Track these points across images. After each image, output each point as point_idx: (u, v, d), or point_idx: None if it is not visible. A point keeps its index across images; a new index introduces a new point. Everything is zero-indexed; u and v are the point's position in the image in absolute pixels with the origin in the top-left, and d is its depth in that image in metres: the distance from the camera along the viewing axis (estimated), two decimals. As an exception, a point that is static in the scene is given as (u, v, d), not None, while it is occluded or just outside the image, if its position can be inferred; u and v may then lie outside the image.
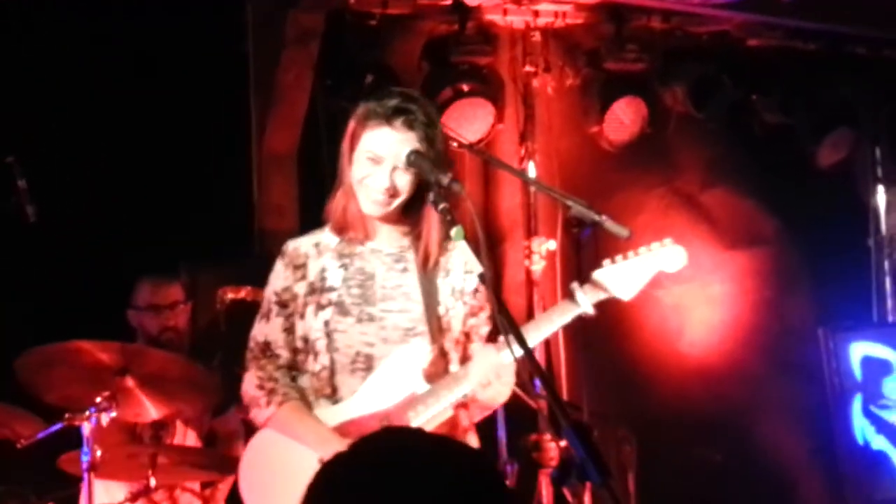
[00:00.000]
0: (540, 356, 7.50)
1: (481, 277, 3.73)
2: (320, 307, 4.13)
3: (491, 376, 4.02)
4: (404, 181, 4.04)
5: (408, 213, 4.17)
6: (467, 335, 4.25)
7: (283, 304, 4.21)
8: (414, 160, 3.96)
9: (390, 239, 4.22)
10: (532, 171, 7.78)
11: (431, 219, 4.12)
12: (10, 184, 5.35)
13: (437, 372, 4.13)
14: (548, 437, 7.03)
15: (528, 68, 7.83)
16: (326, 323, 4.11)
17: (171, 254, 6.40)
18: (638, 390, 7.58)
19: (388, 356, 4.10)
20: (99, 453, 4.99)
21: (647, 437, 6.71)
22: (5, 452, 5.26)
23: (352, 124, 4.14)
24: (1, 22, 6.25)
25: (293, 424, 4.13)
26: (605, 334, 7.18)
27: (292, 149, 7.03)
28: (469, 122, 7.43)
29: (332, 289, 4.14)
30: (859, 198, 8.72)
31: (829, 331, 8.04)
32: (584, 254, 6.78)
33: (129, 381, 5.15)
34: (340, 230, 4.20)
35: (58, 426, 5.08)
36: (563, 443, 6.48)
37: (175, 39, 6.62)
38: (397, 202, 4.09)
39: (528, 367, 3.90)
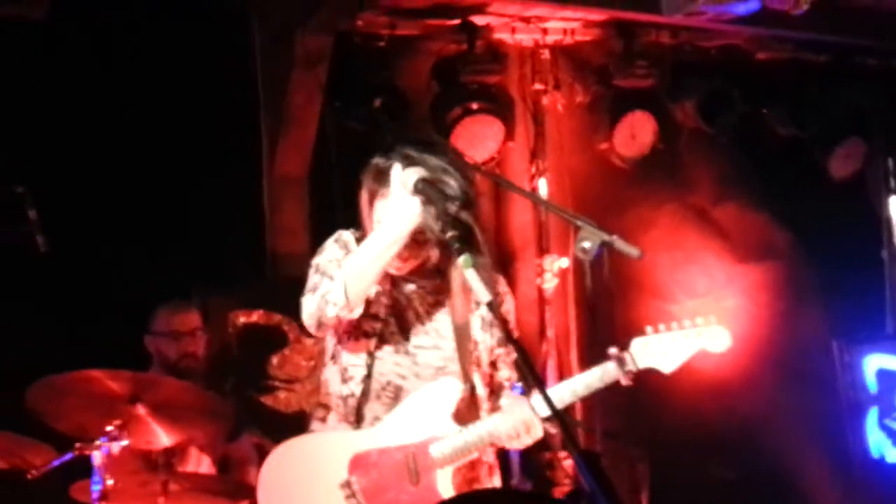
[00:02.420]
0: (553, 374, 7.53)
1: (490, 305, 3.66)
2: (365, 335, 4.12)
3: (521, 430, 4.03)
4: (422, 242, 4.04)
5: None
6: (493, 364, 4.25)
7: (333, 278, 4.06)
8: (421, 188, 3.89)
9: (423, 272, 4.20)
10: (543, 188, 7.80)
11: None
12: (20, 214, 5.36)
13: (467, 410, 4.12)
14: (562, 455, 7.03)
15: (537, 86, 7.88)
16: (369, 353, 4.10)
17: (183, 279, 6.40)
18: (651, 407, 7.57)
19: (417, 390, 4.09)
20: (111, 482, 5.01)
21: (660, 455, 6.70)
22: (17, 482, 5.28)
23: (367, 183, 4.10)
24: (10, 51, 6.28)
25: (361, 252, 3.99)
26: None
27: (303, 171, 7.04)
28: (479, 140, 7.46)
29: (376, 316, 4.12)
30: (872, 209, 8.71)
31: (844, 343, 8.04)
32: (595, 273, 6.77)
33: (141, 410, 5.15)
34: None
35: (69, 455, 5.10)
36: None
37: (183, 62, 6.64)
38: (420, 255, 4.10)
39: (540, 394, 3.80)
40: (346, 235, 4.17)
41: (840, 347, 7.99)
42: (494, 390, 4.23)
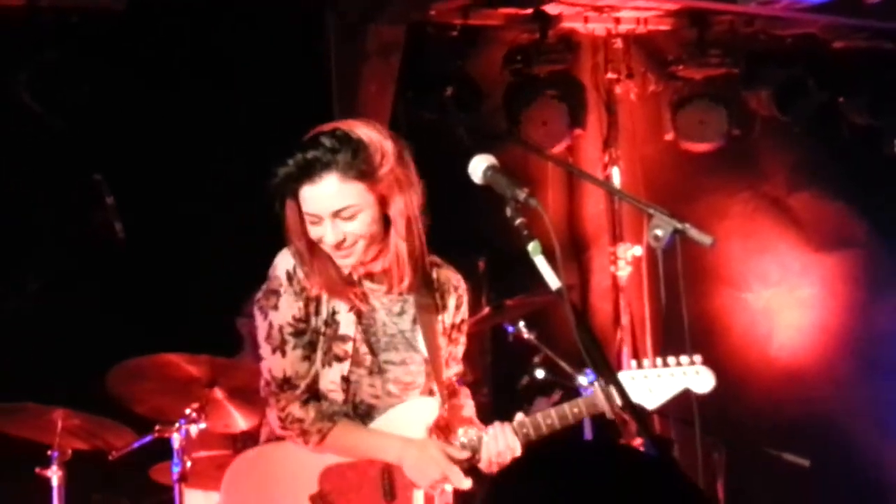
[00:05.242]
0: (628, 362, 7.51)
1: (559, 293, 3.42)
2: (337, 359, 3.91)
3: (506, 456, 3.89)
4: (354, 226, 3.76)
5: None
6: (445, 362, 4.10)
7: (299, 333, 3.89)
8: (490, 176, 3.63)
9: (381, 275, 3.94)
10: (616, 177, 7.81)
11: (393, 244, 3.84)
12: (98, 200, 5.44)
13: (443, 429, 4.01)
14: (637, 442, 7.00)
15: (610, 75, 7.87)
16: (344, 378, 3.92)
17: (259, 265, 6.42)
18: (727, 396, 7.51)
19: (389, 409, 3.95)
20: (189, 464, 5.07)
21: (736, 443, 6.65)
22: (99, 463, 5.37)
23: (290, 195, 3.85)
24: (86, 43, 6.35)
25: (351, 444, 3.91)
26: (693, 339, 7.12)
27: (376, 161, 7.07)
28: (551, 128, 7.49)
29: (346, 338, 3.91)
30: (950, 198, 8.59)
31: (922, 333, 7.95)
32: (668, 261, 6.74)
33: (218, 393, 5.23)
34: (333, 292, 3.88)
35: (148, 438, 5.17)
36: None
37: (257, 53, 6.69)
38: (362, 246, 3.80)
39: (612, 384, 3.68)
40: (296, 270, 3.86)
41: (919, 337, 7.91)
42: (448, 389, 4.10)
